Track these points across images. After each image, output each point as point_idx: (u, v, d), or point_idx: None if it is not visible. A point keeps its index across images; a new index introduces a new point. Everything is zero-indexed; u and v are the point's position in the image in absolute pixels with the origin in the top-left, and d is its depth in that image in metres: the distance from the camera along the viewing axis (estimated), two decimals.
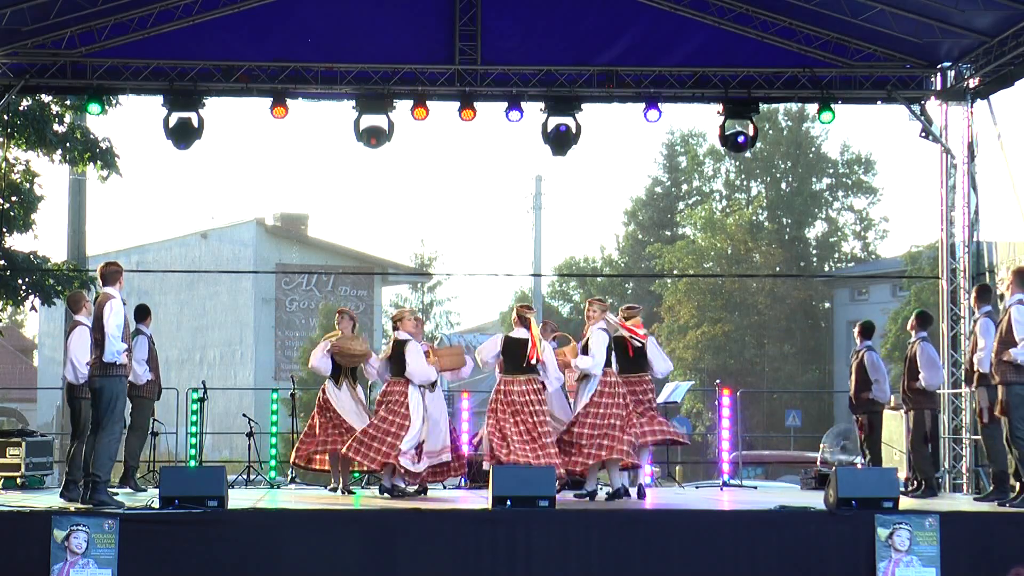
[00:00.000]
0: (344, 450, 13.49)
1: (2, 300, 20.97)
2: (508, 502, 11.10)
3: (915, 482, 14.17)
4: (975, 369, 12.68)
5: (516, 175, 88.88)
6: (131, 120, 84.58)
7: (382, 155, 16.54)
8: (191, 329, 50.93)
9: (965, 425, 16.28)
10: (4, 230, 20.39)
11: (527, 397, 12.86)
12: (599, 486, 13.35)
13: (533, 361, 12.87)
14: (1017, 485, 12.27)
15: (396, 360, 13.48)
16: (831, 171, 49.38)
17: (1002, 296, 12.69)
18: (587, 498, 12.95)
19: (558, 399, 13.58)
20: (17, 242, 21.02)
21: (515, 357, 12.95)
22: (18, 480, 14.60)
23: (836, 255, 50.07)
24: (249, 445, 16.56)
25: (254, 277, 48.45)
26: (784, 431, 39.00)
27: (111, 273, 11.90)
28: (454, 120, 16.49)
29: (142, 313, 14.37)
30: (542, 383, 13.03)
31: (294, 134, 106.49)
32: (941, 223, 17.04)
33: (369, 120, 16.40)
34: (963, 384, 15.32)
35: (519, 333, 13.01)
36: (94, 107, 16.49)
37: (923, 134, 16.97)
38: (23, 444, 14.76)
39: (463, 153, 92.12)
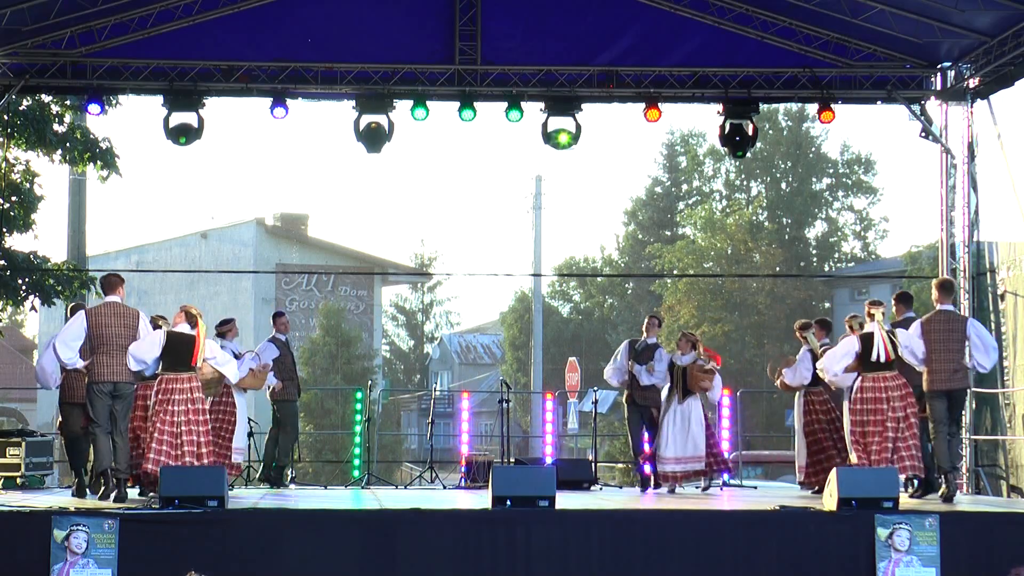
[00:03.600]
0: None
1: (2, 300, 20.93)
2: (508, 502, 11.11)
3: None
4: None
5: (516, 175, 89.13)
6: (131, 120, 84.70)
7: (382, 155, 16.55)
8: None
9: (965, 426, 16.24)
10: (4, 230, 20.34)
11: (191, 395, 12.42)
12: (601, 486, 13.32)
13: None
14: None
15: None
16: (831, 171, 49.37)
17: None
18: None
19: None
20: (17, 242, 20.98)
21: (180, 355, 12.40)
22: (18, 480, 14.60)
23: (836, 255, 50.06)
24: (249, 445, 16.55)
25: (254, 277, 48.44)
26: (784, 431, 38.85)
27: (114, 283, 12.18)
28: (454, 120, 16.52)
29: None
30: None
31: (294, 134, 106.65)
32: (941, 223, 17.05)
33: (369, 120, 16.40)
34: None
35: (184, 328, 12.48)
36: (94, 107, 16.47)
37: (923, 134, 16.96)
38: (23, 444, 14.77)
39: (463, 153, 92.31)
